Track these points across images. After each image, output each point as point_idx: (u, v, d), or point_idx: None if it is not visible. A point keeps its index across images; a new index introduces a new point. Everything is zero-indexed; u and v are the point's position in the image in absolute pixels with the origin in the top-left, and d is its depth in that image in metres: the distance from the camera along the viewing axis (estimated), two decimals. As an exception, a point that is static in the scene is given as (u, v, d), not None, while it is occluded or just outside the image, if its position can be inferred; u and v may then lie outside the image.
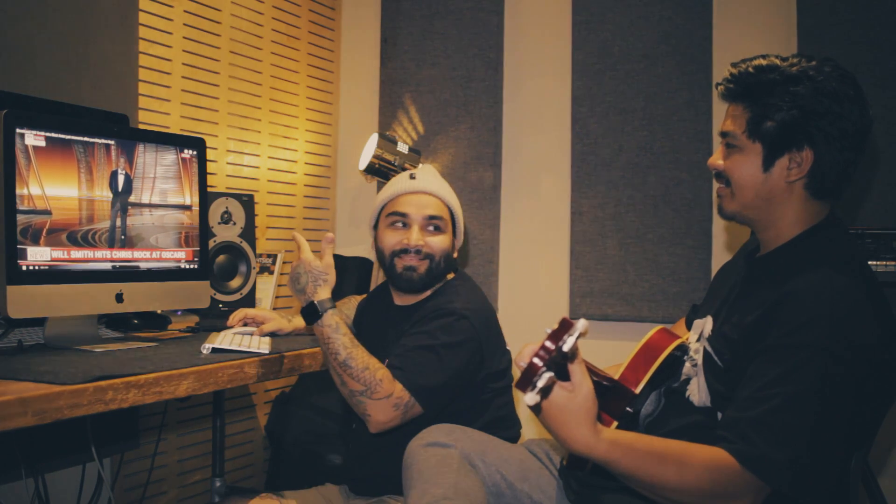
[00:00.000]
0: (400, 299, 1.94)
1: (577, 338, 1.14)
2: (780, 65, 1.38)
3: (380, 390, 1.62)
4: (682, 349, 1.54)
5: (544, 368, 1.13)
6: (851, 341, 1.25)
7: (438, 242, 1.86)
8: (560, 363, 1.20)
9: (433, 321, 1.77)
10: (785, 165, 1.38)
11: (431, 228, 1.87)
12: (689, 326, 1.71)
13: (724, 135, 1.45)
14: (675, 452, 1.27)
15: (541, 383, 1.13)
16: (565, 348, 1.14)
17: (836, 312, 1.26)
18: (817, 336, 1.24)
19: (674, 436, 1.40)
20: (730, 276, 1.57)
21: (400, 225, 1.88)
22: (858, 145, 1.37)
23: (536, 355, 1.13)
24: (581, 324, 1.14)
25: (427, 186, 1.89)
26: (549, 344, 1.13)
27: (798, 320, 1.27)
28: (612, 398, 1.45)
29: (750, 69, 1.40)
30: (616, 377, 1.49)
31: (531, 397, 1.14)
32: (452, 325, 1.75)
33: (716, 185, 1.50)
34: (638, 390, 1.47)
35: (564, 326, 1.14)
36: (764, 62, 1.40)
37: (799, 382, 1.23)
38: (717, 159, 1.47)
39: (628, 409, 1.46)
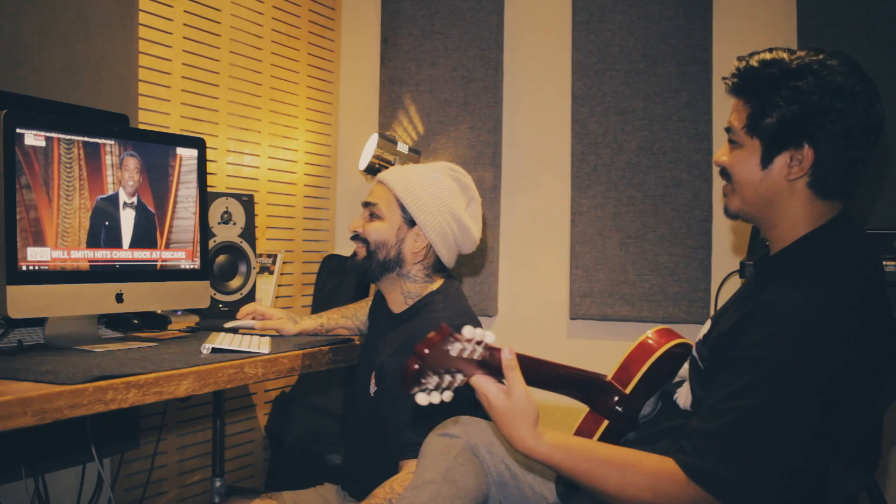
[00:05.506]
0: (390, 304, 1.93)
1: (469, 343, 1.21)
2: (784, 59, 1.34)
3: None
4: (685, 348, 1.53)
5: (436, 370, 1.19)
6: (816, 358, 1.21)
7: (370, 228, 1.87)
8: (495, 365, 1.26)
9: None
10: (785, 163, 1.34)
11: (367, 215, 1.89)
12: None
13: (727, 130, 1.42)
14: (619, 459, 1.27)
15: (431, 385, 1.20)
16: (453, 353, 1.20)
17: (804, 327, 1.22)
18: (779, 351, 1.22)
19: (656, 437, 1.40)
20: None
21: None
22: (866, 142, 1.32)
23: (410, 358, 1.19)
24: (466, 330, 1.21)
25: (381, 175, 1.91)
26: (419, 348, 1.19)
27: (763, 333, 1.24)
28: (599, 397, 1.46)
29: (753, 63, 1.36)
30: (609, 377, 1.49)
31: (422, 397, 1.21)
32: None
33: (721, 181, 1.48)
34: (629, 390, 1.47)
35: (440, 332, 1.20)
36: (769, 56, 1.36)
37: (756, 397, 1.21)
38: (721, 155, 1.44)
39: (618, 408, 1.46)
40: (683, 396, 1.44)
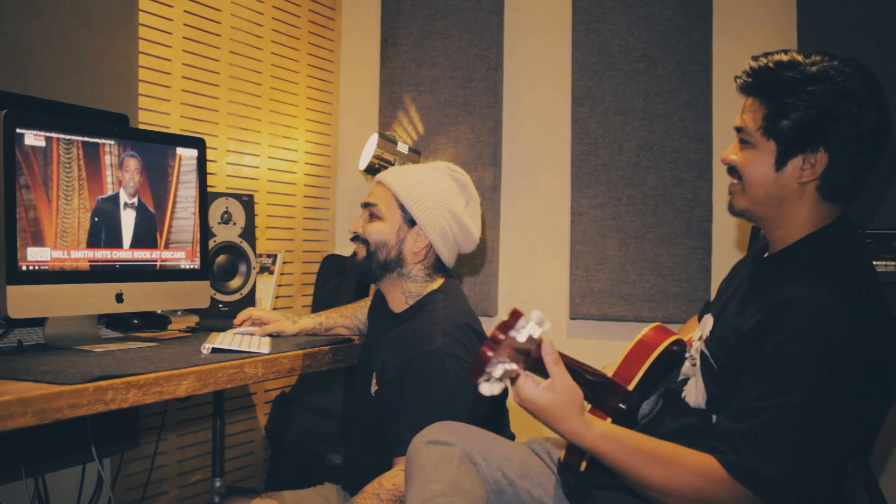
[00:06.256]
0: (391, 304, 1.92)
1: (535, 328, 1.17)
2: (801, 62, 1.35)
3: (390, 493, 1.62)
4: (680, 345, 1.54)
5: (500, 359, 1.16)
6: (843, 353, 1.24)
7: (370, 229, 1.86)
8: (533, 358, 1.24)
9: (421, 369, 1.71)
10: (798, 166, 1.35)
11: (368, 216, 1.89)
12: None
13: (738, 130, 1.42)
14: (666, 454, 1.29)
15: (497, 374, 1.17)
16: (520, 339, 1.16)
17: (829, 324, 1.25)
18: (810, 347, 1.24)
19: (668, 438, 1.40)
20: (739, 275, 1.56)
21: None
22: (875, 149, 1.34)
23: (485, 344, 1.16)
24: (535, 315, 1.17)
25: (381, 176, 1.90)
26: (496, 333, 1.16)
27: (792, 330, 1.26)
28: (604, 395, 1.46)
29: (770, 64, 1.37)
30: (610, 375, 1.49)
31: (486, 387, 1.19)
32: (441, 370, 1.70)
33: (729, 179, 1.47)
34: (631, 387, 1.47)
35: (514, 316, 1.16)
36: (785, 58, 1.36)
37: (791, 394, 1.23)
38: (730, 154, 1.44)
39: (621, 405, 1.46)
40: (693, 394, 1.44)
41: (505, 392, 1.90)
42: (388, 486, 1.62)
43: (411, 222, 1.85)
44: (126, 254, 1.84)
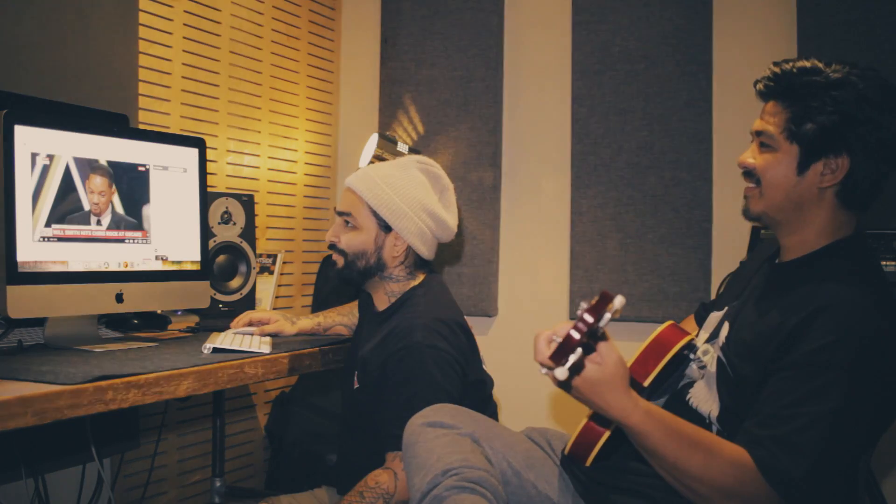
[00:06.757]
0: (375, 302, 1.92)
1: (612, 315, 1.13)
2: (823, 69, 1.37)
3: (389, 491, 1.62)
4: (691, 348, 1.53)
5: (578, 342, 1.11)
6: (876, 363, 1.25)
7: (346, 241, 1.84)
8: (590, 340, 1.19)
9: (402, 363, 1.71)
10: (819, 171, 1.37)
11: (343, 224, 1.86)
12: (699, 324, 1.69)
13: (758, 133, 1.43)
14: (706, 441, 1.28)
15: (573, 358, 1.12)
16: (601, 324, 1.12)
17: (865, 334, 1.25)
18: (846, 356, 1.24)
19: None
20: (747, 279, 1.55)
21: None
22: (893, 158, 1.36)
23: (575, 328, 1.12)
24: (619, 300, 1.13)
25: (350, 181, 1.86)
26: (587, 317, 1.11)
27: (827, 338, 1.26)
28: None
29: (794, 69, 1.39)
30: None
31: (561, 372, 1.13)
32: (421, 362, 1.70)
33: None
34: (646, 383, 1.46)
35: (604, 300, 1.12)
36: (807, 64, 1.39)
37: (827, 402, 1.23)
38: (748, 157, 1.45)
39: None
40: (701, 401, 1.44)
41: (490, 384, 1.90)
42: (370, 484, 1.62)
43: (387, 227, 1.83)
44: (126, 254, 1.84)
